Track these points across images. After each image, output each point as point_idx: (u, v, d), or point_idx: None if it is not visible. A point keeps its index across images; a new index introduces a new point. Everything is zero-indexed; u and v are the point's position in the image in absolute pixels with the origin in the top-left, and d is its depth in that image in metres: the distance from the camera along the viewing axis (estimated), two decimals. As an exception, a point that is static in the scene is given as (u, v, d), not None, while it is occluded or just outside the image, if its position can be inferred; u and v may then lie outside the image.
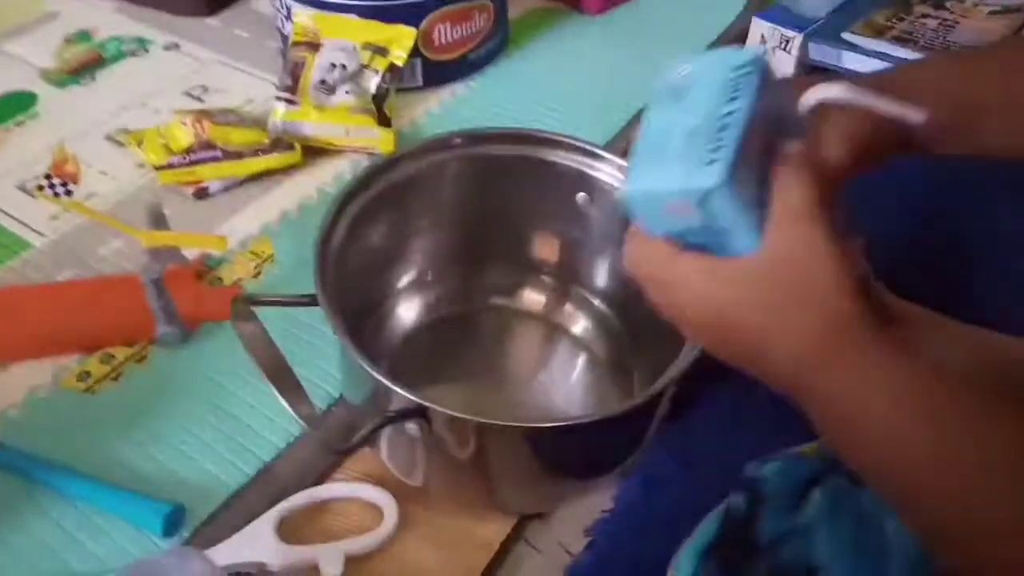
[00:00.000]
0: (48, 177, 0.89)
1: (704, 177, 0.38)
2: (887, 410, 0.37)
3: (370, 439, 0.52)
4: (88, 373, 0.70)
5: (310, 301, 0.57)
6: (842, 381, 0.38)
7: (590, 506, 0.64)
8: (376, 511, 0.63)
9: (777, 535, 0.48)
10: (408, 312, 0.74)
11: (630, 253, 0.44)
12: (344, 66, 0.92)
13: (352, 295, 0.61)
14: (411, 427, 0.54)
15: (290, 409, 0.50)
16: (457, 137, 0.67)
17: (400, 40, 0.94)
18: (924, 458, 0.36)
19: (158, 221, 0.72)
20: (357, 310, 0.63)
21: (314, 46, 0.94)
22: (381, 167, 0.65)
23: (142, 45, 1.10)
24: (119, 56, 1.08)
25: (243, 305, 0.55)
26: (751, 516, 0.50)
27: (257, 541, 0.59)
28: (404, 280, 0.74)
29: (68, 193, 0.86)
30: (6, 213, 0.86)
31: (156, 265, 0.67)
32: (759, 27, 1.04)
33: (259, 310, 0.59)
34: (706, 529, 0.51)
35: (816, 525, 0.48)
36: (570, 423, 0.58)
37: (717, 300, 0.41)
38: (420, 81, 1.00)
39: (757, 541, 0.48)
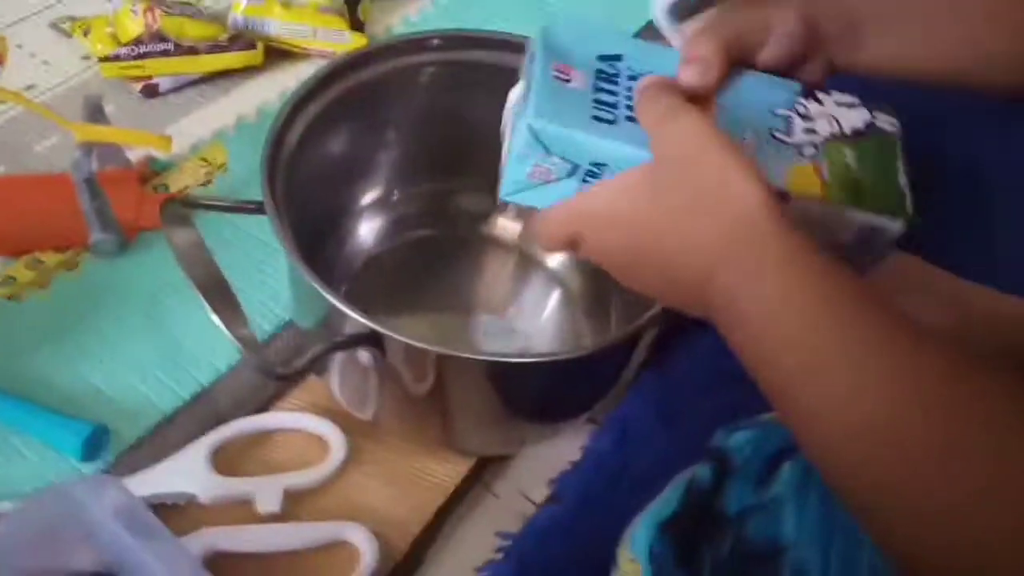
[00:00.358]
0: None
1: (523, 122, 0.39)
2: (798, 310, 0.33)
3: (316, 366, 0.46)
4: (12, 278, 0.64)
5: (256, 209, 0.51)
6: (751, 276, 0.35)
7: (555, 453, 0.59)
8: (322, 444, 0.58)
9: (743, 509, 0.44)
10: (370, 233, 0.68)
11: (538, 235, 0.43)
12: (315, -39, 0.84)
13: (306, 209, 0.55)
14: (364, 356, 0.48)
15: (224, 328, 0.44)
16: (435, 38, 0.60)
17: (378, -64, 0.86)
18: (833, 366, 0.32)
19: (96, 115, 0.65)
20: (312, 227, 0.57)
21: (283, -64, 0.85)
22: (345, 65, 0.58)
23: (96, -73, 1.01)
24: (69, -63, 0.99)
25: (177, 208, 0.48)
26: (716, 488, 0.45)
27: (187, 470, 0.54)
28: (367, 197, 0.67)
29: None
30: (-67, 100, 0.78)
31: (88, 160, 0.60)
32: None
33: (200, 218, 0.53)
34: (668, 498, 0.46)
35: (784, 501, 0.43)
36: (538, 360, 0.53)
37: (628, 226, 0.39)
38: (397, -15, 0.93)
39: (721, 514, 0.44)
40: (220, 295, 0.46)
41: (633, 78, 0.42)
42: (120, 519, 0.44)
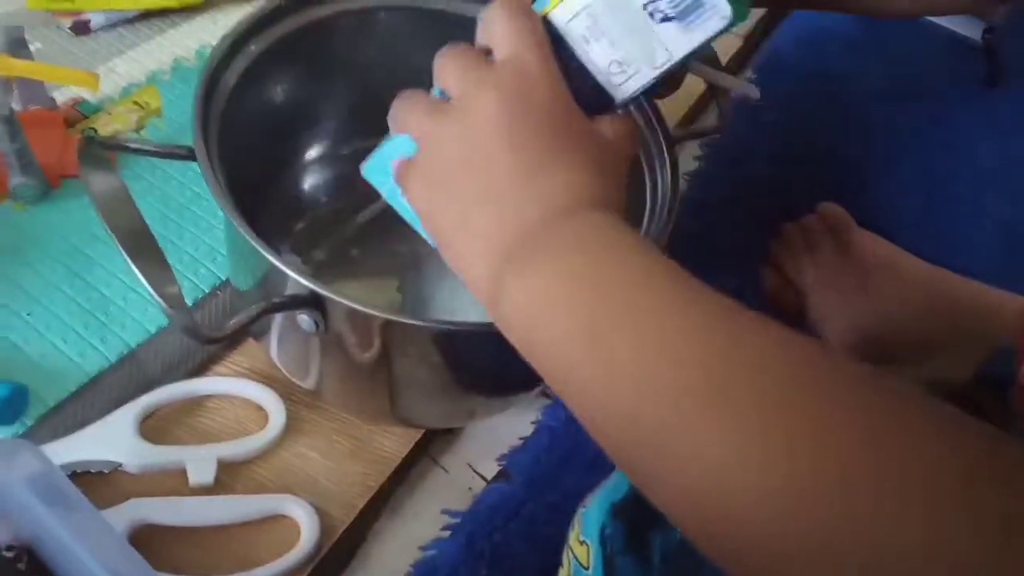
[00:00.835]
0: None
1: None
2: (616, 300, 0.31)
3: (251, 328, 0.43)
4: (-78, 223, 0.59)
5: (187, 155, 0.47)
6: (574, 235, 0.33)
7: (506, 426, 0.57)
8: (260, 412, 0.55)
9: None
10: (315, 190, 0.64)
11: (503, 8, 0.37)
12: None
13: (245, 159, 0.51)
14: (304, 319, 0.45)
15: (147, 285, 0.40)
16: (392, -20, 0.56)
17: None
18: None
19: (17, 48, 0.60)
20: (251, 179, 0.52)
21: None
22: (290, 4, 0.54)
23: None
24: None
25: (98, 149, 0.44)
26: None
27: (113, 437, 0.50)
28: (312, 151, 0.63)
29: None
30: None
31: (6, 98, 0.55)
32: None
33: (129, 165, 0.48)
34: (620, 480, 0.44)
35: None
36: (489, 328, 0.50)
37: (517, 103, 0.35)
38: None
39: None
40: (144, 248, 0.42)
41: None
42: (34, 488, 0.40)
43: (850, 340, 0.61)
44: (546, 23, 0.37)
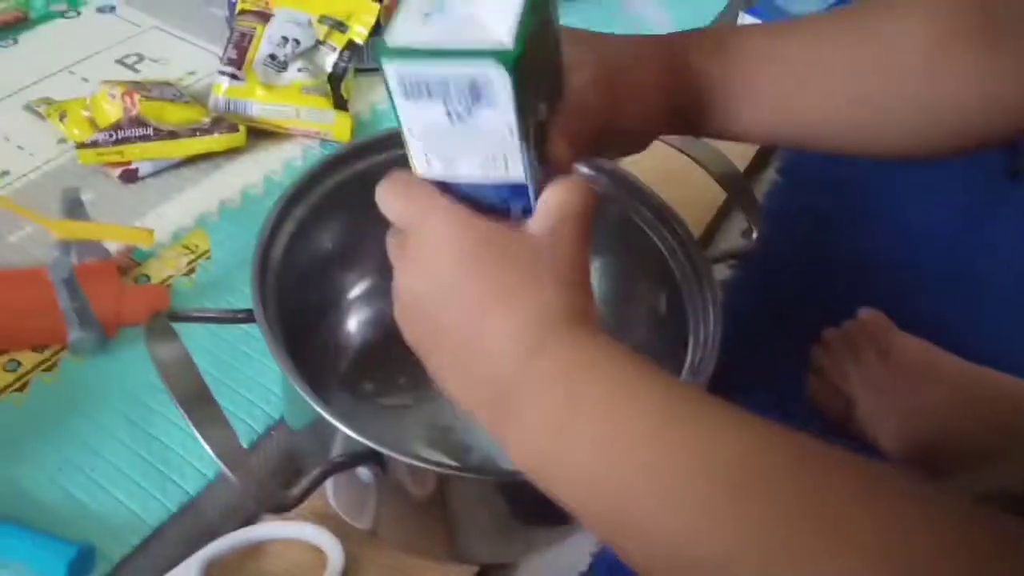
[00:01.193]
0: None
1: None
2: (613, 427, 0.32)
3: (314, 488, 0.44)
4: (-12, 382, 0.61)
5: (246, 317, 0.49)
6: (550, 372, 0.34)
7: (561, 559, 0.57)
8: (318, 554, 0.55)
9: None
10: (359, 326, 0.66)
11: (386, 188, 0.39)
12: (297, 40, 0.83)
13: (296, 306, 0.53)
14: (364, 472, 0.46)
15: (220, 461, 0.41)
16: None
17: (360, 15, 0.86)
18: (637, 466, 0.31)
19: (74, 209, 0.63)
20: (300, 322, 0.54)
21: (264, 16, 0.84)
22: (336, 160, 0.56)
23: (73, 5, 0.99)
24: (47, 16, 0.97)
25: (163, 321, 0.46)
26: None
27: (178, 592, 0.51)
28: (356, 289, 0.65)
29: None
30: (-99, 188, 0.75)
31: (67, 260, 0.58)
32: (746, 22, 0.98)
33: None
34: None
35: None
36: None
37: (451, 264, 0.36)
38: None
39: None
40: (210, 419, 0.43)
41: None
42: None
43: (901, 447, 0.61)
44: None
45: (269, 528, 0.56)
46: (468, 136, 0.35)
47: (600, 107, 0.43)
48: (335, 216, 0.58)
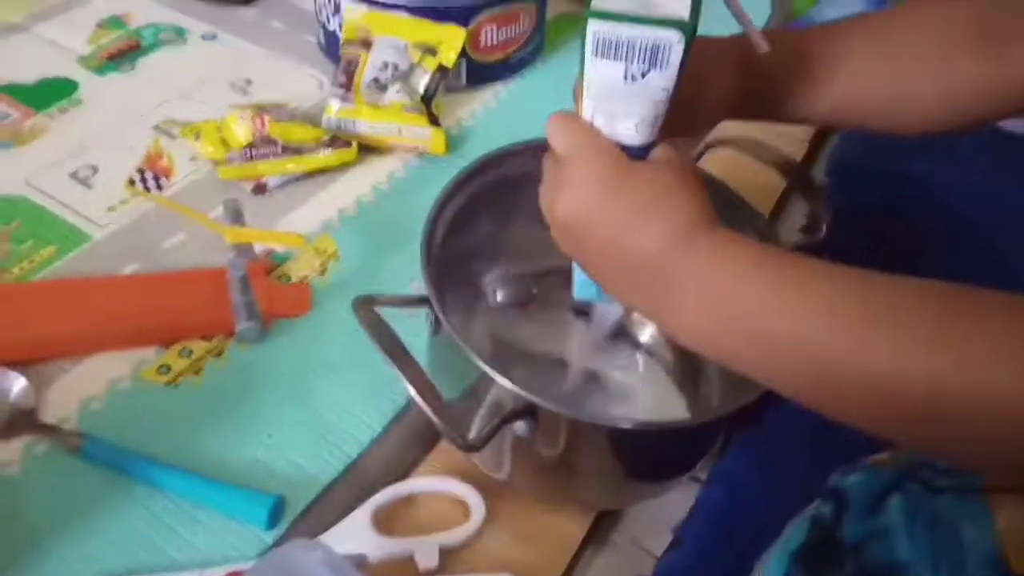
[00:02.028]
0: (141, 171, 0.89)
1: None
2: (759, 285, 0.42)
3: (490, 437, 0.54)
4: (168, 366, 0.72)
5: (420, 302, 0.60)
6: (706, 258, 0.44)
7: (663, 506, 0.67)
8: (461, 504, 0.66)
9: (860, 537, 0.52)
10: (499, 304, 0.76)
11: (553, 125, 0.49)
12: (396, 65, 0.94)
13: (452, 292, 0.64)
14: (521, 426, 0.56)
15: (424, 405, 0.52)
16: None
17: (450, 40, 0.96)
18: (787, 320, 0.41)
19: (237, 217, 0.74)
20: (455, 305, 0.65)
21: (367, 44, 0.95)
22: (482, 166, 0.67)
23: (180, 34, 1.10)
24: (157, 44, 1.08)
25: (364, 302, 0.57)
26: (836, 522, 0.54)
27: (356, 533, 0.62)
28: (493, 273, 0.76)
29: (159, 188, 0.87)
30: (61, 203, 0.86)
31: (243, 261, 0.69)
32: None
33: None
34: (795, 532, 0.54)
35: (896, 527, 0.52)
36: (657, 426, 0.61)
37: (606, 179, 0.46)
38: (464, 81, 1.03)
39: (842, 543, 0.52)
40: (415, 373, 0.54)
41: None
42: (332, 572, 0.52)
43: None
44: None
45: (420, 482, 0.67)
46: (634, 97, 0.45)
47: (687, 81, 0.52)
48: (481, 212, 0.68)
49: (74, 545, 0.61)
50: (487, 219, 0.69)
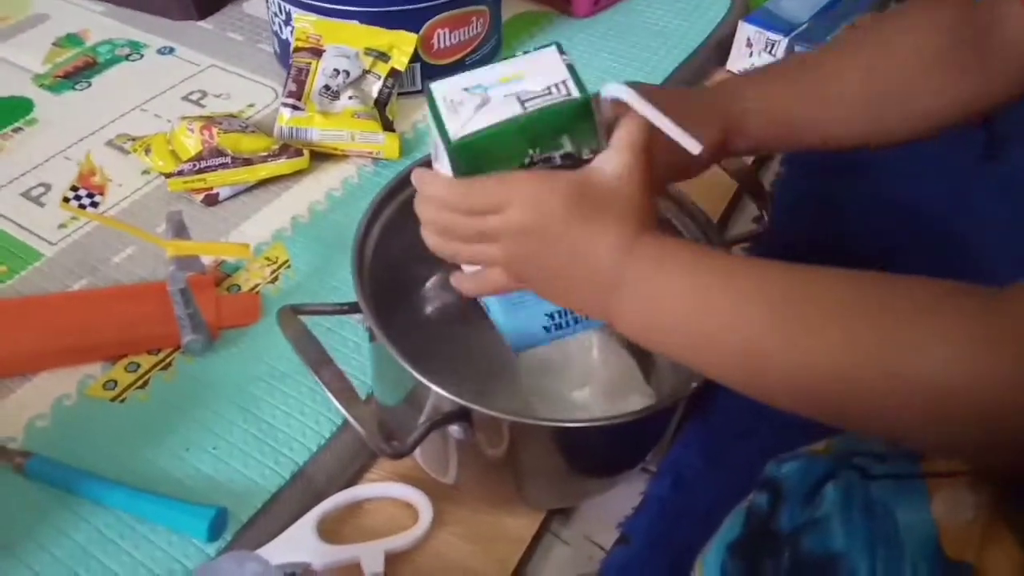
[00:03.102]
0: (75, 189, 0.89)
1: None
2: (688, 284, 0.45)
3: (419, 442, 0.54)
4: (114, 382, 0.71)
5: (350, 309, 0.59)
6: (644, 263, 0.46)
7: (613, 501, 0.67)
8: (409, 509, 0.65)
9: (796, 527, 0.51)
10: (431, 307, 0.76)
11: (467, 191, 0.49)
12: (347, 72, 0.94)
13: (384, 298, 0.63)
14: (456, 430, 0.56)
15: (345, 412, 0.51)
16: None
17: (401, 45, 0.96)
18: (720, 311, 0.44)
19: (179, 230, 0.73)
20: (387, 308, 0.65)
21: (317, 52, 0.95)
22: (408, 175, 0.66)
23: (136, 49, 1.10)
24: (114, 60, 1.08)
25: (288, 312, 0.57)
26: (772, 511, 0.53)
27: (300, 542, 0.61)
28: (430, 282, 0.75)
29: (94, 205, 0.87)
30: (14, 222, 0.86)
31: (182, 273, 0.69)
32: (745, 31, 1.08)
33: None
34: (731, 524, 0.54)
35: (831, 516, 0.51)
36: (601, 423, 0.60)
37: (549, 213, 0.47)
38: (419, 85, 1.02)
39: (778, 533, 0.52)
40: (335, 379, 0.54)
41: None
42: (263, 586, 0.51)
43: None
44: None
45: (367, 489, 0.66)
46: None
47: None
48: (411, 222, 0.68)
49: (18, 563, 0.60)
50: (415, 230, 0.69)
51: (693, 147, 0.47)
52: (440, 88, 0.51)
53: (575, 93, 0.47)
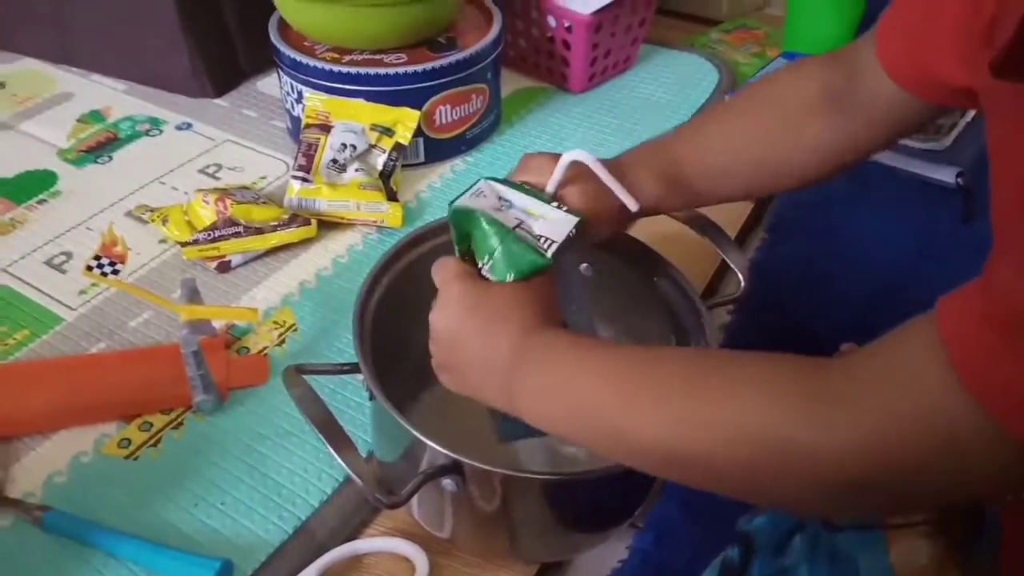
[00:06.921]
0: (97, 258, 0.94)
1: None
2: (564, 374, 0.50)
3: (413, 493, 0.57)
4: (129, 440, 0.75)
5: (351, 369, 0.63)
6: (534, 356, 0.51)
7: (605, 555, 0.69)
8: (406, 563, 0.68)
9: None
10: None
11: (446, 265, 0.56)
12: (354, 146, 1.00)
13: (384, 359, 0.67)
14: (449, 483, 0.59)
15: (344, 465, 0.55)
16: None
17: (405, 121, 1.02)
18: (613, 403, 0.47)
19: (193, 296, 0.78)
20: (385, 366, 0.68)
21: (326, 128, 1.01)
22: (410, 242, 0.71)
23: (156, 125, 1.17)
24: (134, 136, 1.14)
25: (293, 373, 0.61)
26: (744, 565, 0.56)
27: (301, 595, 0.64)
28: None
29: (115, 272, 0.92)
30: (37, 289, 0.91)
31: (195, 337, 0.73)
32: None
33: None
34: (711, 572, 0.57)
35: (798, 566, 0.54)
36: (590, 474, 0.63)
37: (455, 334, 0.54)
38: (422, 158, 1.08)
39: None
40: (335, 435, 0.57)
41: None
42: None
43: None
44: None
45: (367, 543, 0.69)
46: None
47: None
48: (409, 287, 0.72)
49: (32, 614, 0.63)
50: (422, 290, 0.73)
51: (631, 204, 0.60)
52: (496, 187, 0.61)
53: (547, 254, 0.55)
